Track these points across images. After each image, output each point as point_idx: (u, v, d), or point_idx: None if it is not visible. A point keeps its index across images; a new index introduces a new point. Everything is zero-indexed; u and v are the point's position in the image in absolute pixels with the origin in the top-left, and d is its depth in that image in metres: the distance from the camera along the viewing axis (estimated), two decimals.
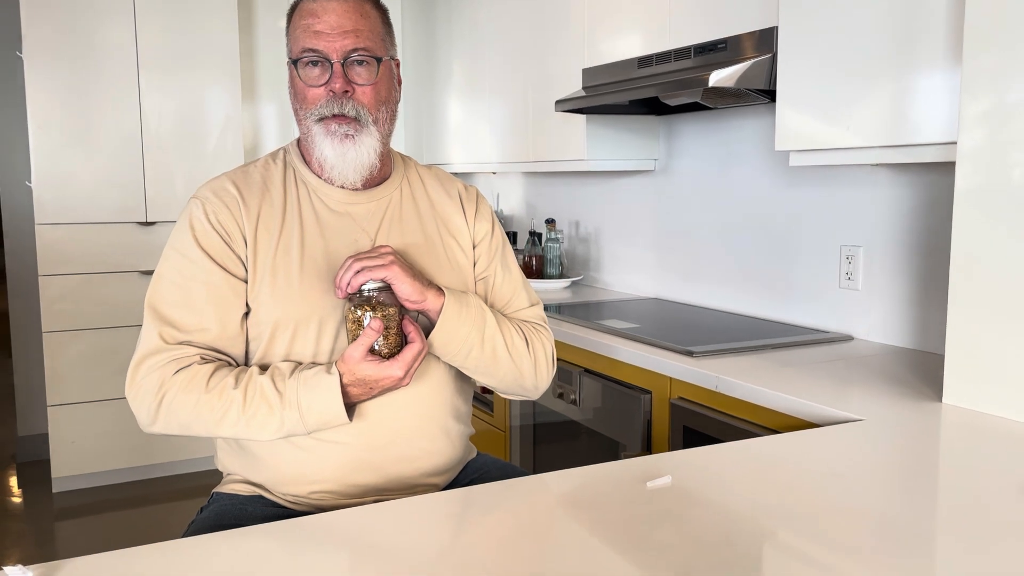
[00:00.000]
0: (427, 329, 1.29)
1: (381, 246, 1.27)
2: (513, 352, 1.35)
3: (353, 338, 1.22)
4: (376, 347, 1.21)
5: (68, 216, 3.43)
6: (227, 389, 1.20)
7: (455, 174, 4.03)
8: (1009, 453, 1.26)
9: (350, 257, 1.24)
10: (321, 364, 1.25)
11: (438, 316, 1.27)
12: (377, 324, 1.19)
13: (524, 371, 1.38)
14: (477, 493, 1.12)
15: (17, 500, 3.54)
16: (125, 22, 3.45)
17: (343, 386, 1.19)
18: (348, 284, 1.21)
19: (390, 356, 1.22)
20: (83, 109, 3.42)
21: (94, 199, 3.47)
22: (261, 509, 1.27)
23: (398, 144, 4.12)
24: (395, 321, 1.23)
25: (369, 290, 1.22)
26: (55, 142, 3.40)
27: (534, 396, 1.45)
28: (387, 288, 1.23)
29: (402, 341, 1.23)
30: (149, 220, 3.55)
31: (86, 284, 3.47)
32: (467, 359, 1.31)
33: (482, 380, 1.38)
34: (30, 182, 3.43)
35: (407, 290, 1.23)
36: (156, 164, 3.56)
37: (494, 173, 3.83)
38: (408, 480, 1.31)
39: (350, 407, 1.23)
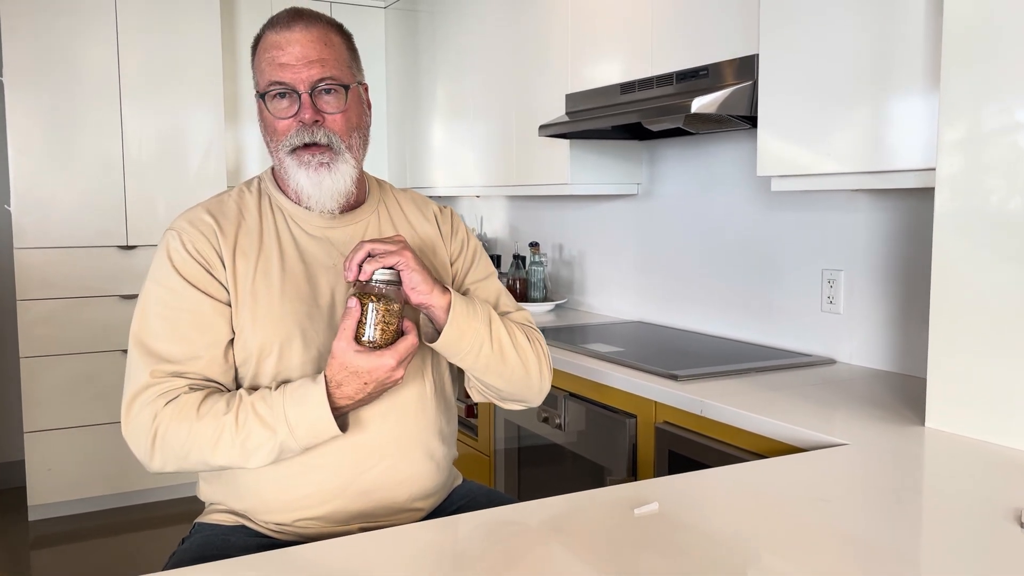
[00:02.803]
0: (428, 335, 1.27)
1: (395, 235, 1.23)
2: (519, 349, 1.33)
3: (356, 329, 1.17)
4: (371, 339, 1.17)
5: (47, 240, 3.40)
6: (219, 415, 1.18)
7: (439, 197, 4.03)
8: (992, 477, 1.26)
9: (363, 240, 1.21)
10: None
11: (445, 313, 1.23)
12: (354, 302, 1.16)
13: (531, 369, 1.35)
14: (464, 521, 1.11)
15: None
16: (107, 45, 3.45)
17: (331, 393, 1.16)
18: (360, 268, 1.17)
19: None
20: (64, 132, 3.41)
21: (74, 223, 3.44)
22: (244, 539, 1.26)
23: (381, 167, 4.12)
24: (397, 317, 1.19)
25: (377, 280, 1.18)
26: (35, 165, 3.37)
27: (538, 400, 1.40)
28: (396, 282, 1.19)
29: (398, 338, 1.19)
30: (130, 244, 3.53)
31: (65, 309, 3.44)
32: (478, 357, 1.28)
33: (491, 382, 1.33)
34: (9, 206, 3.40)
35: (417, 279, 1.20)
36: (137, 188, 3.54)
37: (478, 197, 3.84)
38: (394, 505, 1.29)
39: (343, 419, 1.20)
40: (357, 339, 1.17)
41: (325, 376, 1.17)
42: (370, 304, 1.17)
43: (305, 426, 1.16)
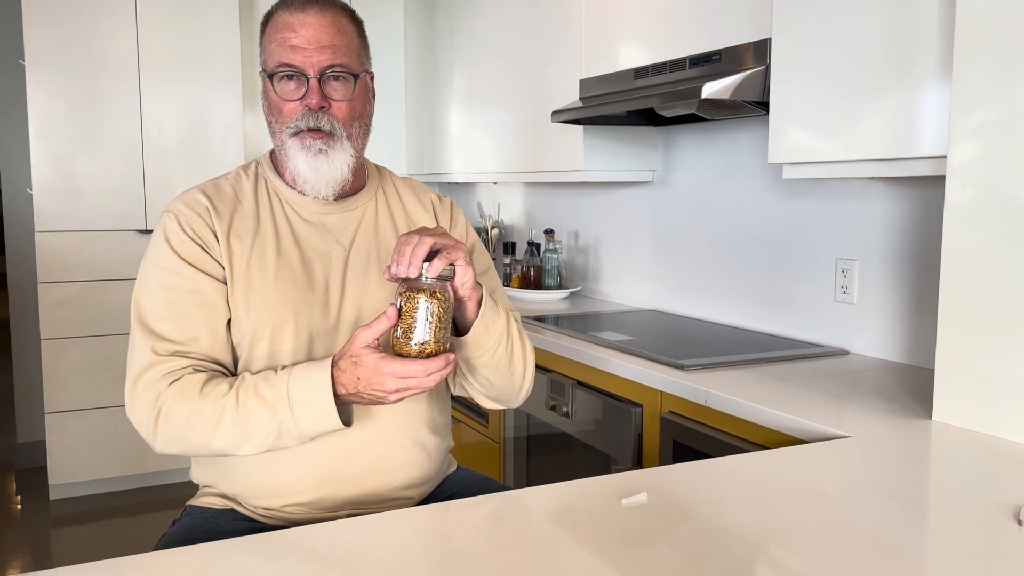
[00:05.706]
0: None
1: (436, 227, 1.18)
2: (525, 351, 1.34)
3: (405, 330, 1.11)
4: (422, 342, 1.10)
5: (68, 223, 3.44)
6: (220, 395, 1.17)
7: (456, 184, 4.03)
8: (997, 472, 1.23)
9: (415, 233, 1.13)
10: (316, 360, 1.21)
11: (477, 307, 1.21)
12: (392, 312, 1.11)
13: (527, 371, 1.35)
14: (453, 508, 1.11)
15: (15, 507, 3.54)
16: (127, 30, 3.47)
17: (335, 377, 1.14)
18: (429, 265, 1.10)
19: (436, 353, 1.12)
20: (84, 116, 3.44)
21: (94, 207, 3.48)
22: (233, 523, 1.26)
23: (399, 153, 4.12)
24: (450, 320, 1.14)
25: (435, 276, 1.11)
26: (56, 150, 3.41)
27: (518, 403, 1.40)
28: (449, 277, 1.13)
29: (449, 338, 1.14)
30: (149, 228, 3.56)
31: (85, 291, 3.48)
32: (494, 354, 1.27)
33: (494, 380, 1.32)
34: (31, 189, 3.44)
35: (471, 275, 1.17)
36: (157, 172, 3.57)
37: (495, 183, 3.82)
38: (382, 494, 1.29)
39: (346, 413, 1.18)
40: (403, 343, 1.11)
41: (333, 358, 1.16)
42: (427, 303, 1.10)
43: (307, 406, 1.14)
